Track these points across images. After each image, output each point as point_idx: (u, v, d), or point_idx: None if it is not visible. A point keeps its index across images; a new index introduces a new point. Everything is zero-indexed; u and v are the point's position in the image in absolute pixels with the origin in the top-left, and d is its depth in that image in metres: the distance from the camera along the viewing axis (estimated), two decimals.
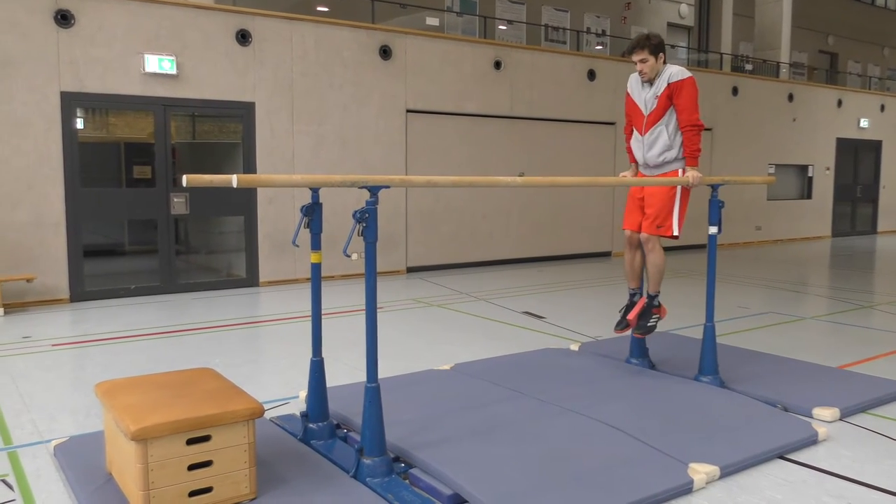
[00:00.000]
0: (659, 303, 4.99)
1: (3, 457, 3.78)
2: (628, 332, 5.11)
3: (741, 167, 14.48)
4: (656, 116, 4.82)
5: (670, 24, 17.59)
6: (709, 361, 4.81)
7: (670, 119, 4.80)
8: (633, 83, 4.99)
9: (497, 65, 11.18)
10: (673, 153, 4.84)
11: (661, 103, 4.78)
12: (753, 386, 4.69)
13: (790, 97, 15.68)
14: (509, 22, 12.01)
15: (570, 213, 12.34)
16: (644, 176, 5.05)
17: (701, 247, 12.68)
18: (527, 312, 7.77)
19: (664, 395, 4.55)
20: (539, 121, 11.81)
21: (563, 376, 4.97)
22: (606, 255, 12.89)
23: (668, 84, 4.73)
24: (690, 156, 4.76)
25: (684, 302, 8.35)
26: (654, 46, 4.73)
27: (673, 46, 16.53)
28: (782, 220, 15.91)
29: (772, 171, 15.31)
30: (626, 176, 5.15)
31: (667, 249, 5.11)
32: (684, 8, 17.83)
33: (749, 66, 16.20)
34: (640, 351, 5.28)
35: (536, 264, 11.74)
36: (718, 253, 5.02)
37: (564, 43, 12.66)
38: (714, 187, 4.82)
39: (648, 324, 4.96)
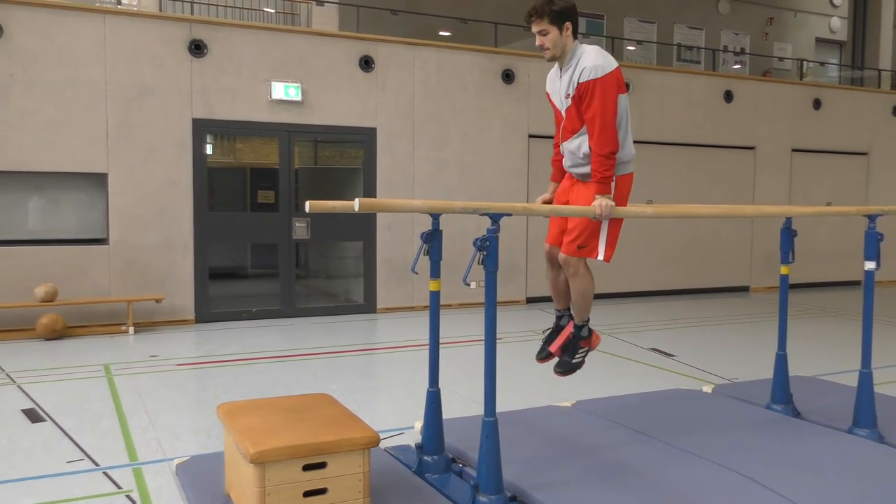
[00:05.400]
0: (589, 331, 4.12)
1: (129, 473, 3.93)
2: (552, 362, 4.21)
3: None
4: (572, 124, 3.77)
5: (820, 40, 16.45)
6: (865, 412, 4.32)
7: None
8: (551, 77, 3.92)
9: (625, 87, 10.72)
10: None
11: (576, 109, 3.72)
12: None
13: None
14: (639, 42, 11.58)
15: (702, 244, 11.63)
16: (572, 180, 4.00)
17: (856, 283, 11.76)
18: (654, 349, 7.36)
19: (811, 447, 4.12)
20: (669, 145, 11.25)
21: (695, 420, 4.62)
22: (744, 289, 12.04)
23: (578, 83, 3.63)
24: (599, 182, 3.66)
25: (837, 344, 7.66)
26: (556, 13, 3.62)
27: (822, 64, 15.42)
28: None
29: None
30: (538, 203, 4.13)
31: (822, 285, 4.52)
32: (836, 21, 16.59)
33: None
34: (783, 396, 4.84)
35: (665, 298, 11.12)
36: (877, 291, 4.51)
37: (699, 63, 12.06)
38: (871, 218, 4.35)
39: (573, 360, 4.07)
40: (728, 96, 11.64)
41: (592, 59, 3.62)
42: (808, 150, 12.41)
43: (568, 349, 4.08)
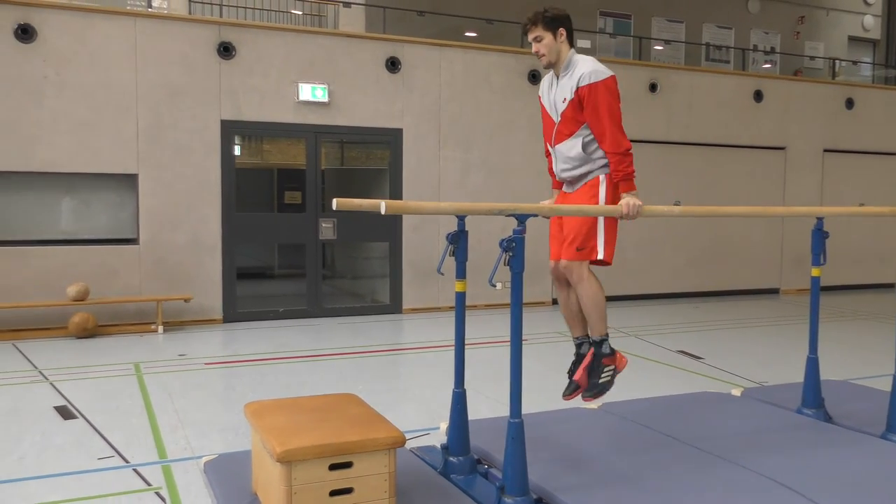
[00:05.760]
0: (611, 349, 3.94)
1: (158, 470, 4.00)
2: (579, 397, 3.99)
3: None
4: (568, 127, 3.78)
5: (852, 38, 16.15)
6: None
7: (587, 131, 3.75)
8: (545, 84, 3.99)
9: (652, 87, 10.66)
10: (592, 165, 3.80)
11: (572, 112, 3.73)
12: None
13: None
14: (666, 42, 11.49)
15: (731, 246, 11.49)
16: (565, 195, 4.02)
17: (889, 286, 11.53)
18: (682, 352, 7.30)
19: (844, 452, 4.03)
20: (697, 146, 11.15)
21: (723, 423, 4.55)
22: (774, 292, 11.87)
23: (577, 87, 3.69)
24: (623, 180, 3.69)
25: (869, 348, 7.53)
26: (551, 20, 3.75)
27: (855, 63, 15.17)
28: None
29: None
30: (546, 205, 3.98)
31: (854, 288, 4.42)
32: (869, 19, 16.29)
33: None
34: (814, 401, 4.73)
35: (692, 300, 11.00)
36: None
37: (728, 62, 11.93)
38: None
39: (600, 381, 3.90)
40: (758, 96, 11.49)
41: (591, 65, 3.71)
42: (841, 150, 12.21)
43: (592, 372, 3.93)
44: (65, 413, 5.00)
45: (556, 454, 3.87)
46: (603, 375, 3.91)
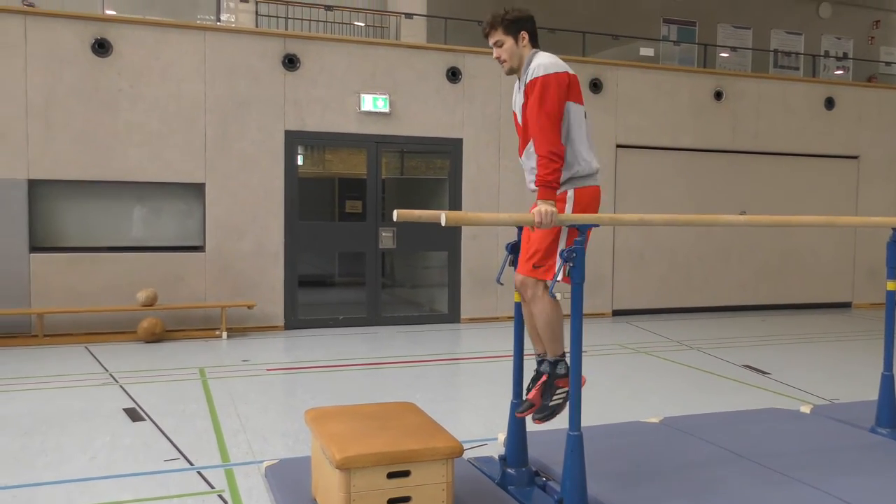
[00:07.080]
0: (567, 368, 3.60)
1: (221, 473, 4.07)
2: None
3: None
4: (527, 134, 3.53)
5: None
6: None
7: None
8: (516, 88, 3.70)
9: (718, 95, 10.44)
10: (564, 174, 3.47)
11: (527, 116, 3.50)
12: None
13: None
14: (733, 49, 11.24)
15: (800, 258, 11.14)
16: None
17: None
18: (747, 366, 7.10)
19: None
20: (765, 155, 10.86)
21: (792, 441, 4.41)
22: (845, 306, 11.45)
23: (525, 85, 3.45)
24: (542, 185, 3.36)
25: None
26: (511, 23, 3.46)
27: None
28: None
29: None
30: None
31: None
32: None
33: None
34: (889, 420, 4.55)
35: (759, 313, 10.69)
36: None
37: (797, 69, 11.60)
38: None
39: (551, 403, 3.58)
40: (829, 103, 11.13)
41: (543, 60, 3.47)
42: None
43: (545, 393, 3.62)
44: (133, 415, 5.15)
45: (616, 468, 3.82)
46: (555, 397, 3.62)
